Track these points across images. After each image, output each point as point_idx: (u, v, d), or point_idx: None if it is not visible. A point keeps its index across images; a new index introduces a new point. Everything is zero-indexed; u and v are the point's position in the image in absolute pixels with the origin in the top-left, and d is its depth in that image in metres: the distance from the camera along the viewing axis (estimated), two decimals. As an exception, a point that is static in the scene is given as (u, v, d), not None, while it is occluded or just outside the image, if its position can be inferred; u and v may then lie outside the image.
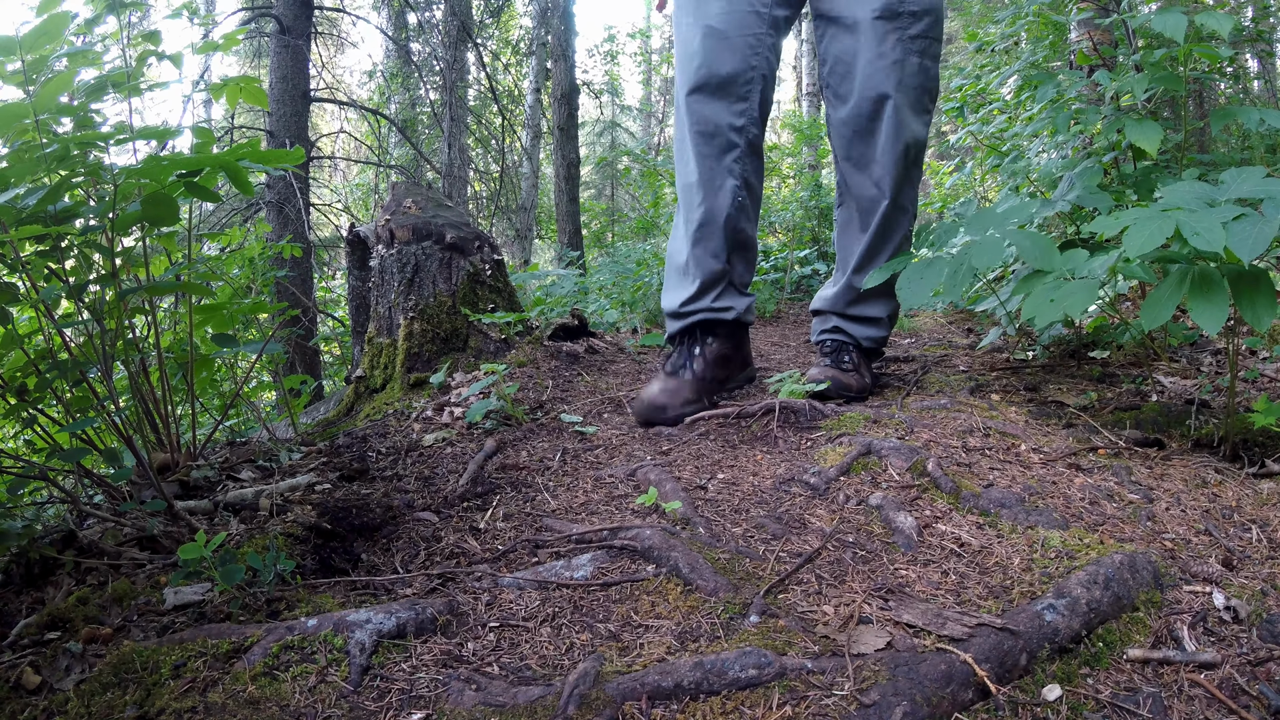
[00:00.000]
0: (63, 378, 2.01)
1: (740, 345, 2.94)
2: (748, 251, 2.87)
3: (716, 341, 2.82)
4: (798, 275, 6.87)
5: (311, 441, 2.66)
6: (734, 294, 2.84)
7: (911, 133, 2.69)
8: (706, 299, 2.80)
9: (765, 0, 2.72)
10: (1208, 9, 4.21)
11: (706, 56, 2.70)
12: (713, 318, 2.80)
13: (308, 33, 9.12)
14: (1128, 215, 1.90)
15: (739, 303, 2.84)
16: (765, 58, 2.73)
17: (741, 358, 2.97)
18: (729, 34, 2.69)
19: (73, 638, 1.45)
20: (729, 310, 2.81)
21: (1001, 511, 1.78)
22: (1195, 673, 1.25)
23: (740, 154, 2.74)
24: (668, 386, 2.64)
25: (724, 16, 2.70)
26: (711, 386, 2.75)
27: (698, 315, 2.80)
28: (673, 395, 2.61)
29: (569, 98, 12.86)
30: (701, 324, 2.81)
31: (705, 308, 2.79)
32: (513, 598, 1.54)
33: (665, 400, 2.60)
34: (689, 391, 2.65)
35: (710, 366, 2.77)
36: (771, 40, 2.75)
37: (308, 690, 1.23)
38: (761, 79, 2.73)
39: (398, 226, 3.33)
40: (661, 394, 2.61)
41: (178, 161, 1.88)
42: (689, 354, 2.78)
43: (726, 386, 2.89)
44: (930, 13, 2.64)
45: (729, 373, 2.88)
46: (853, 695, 1.13)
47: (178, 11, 2.46)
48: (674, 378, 2.70)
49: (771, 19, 2.73)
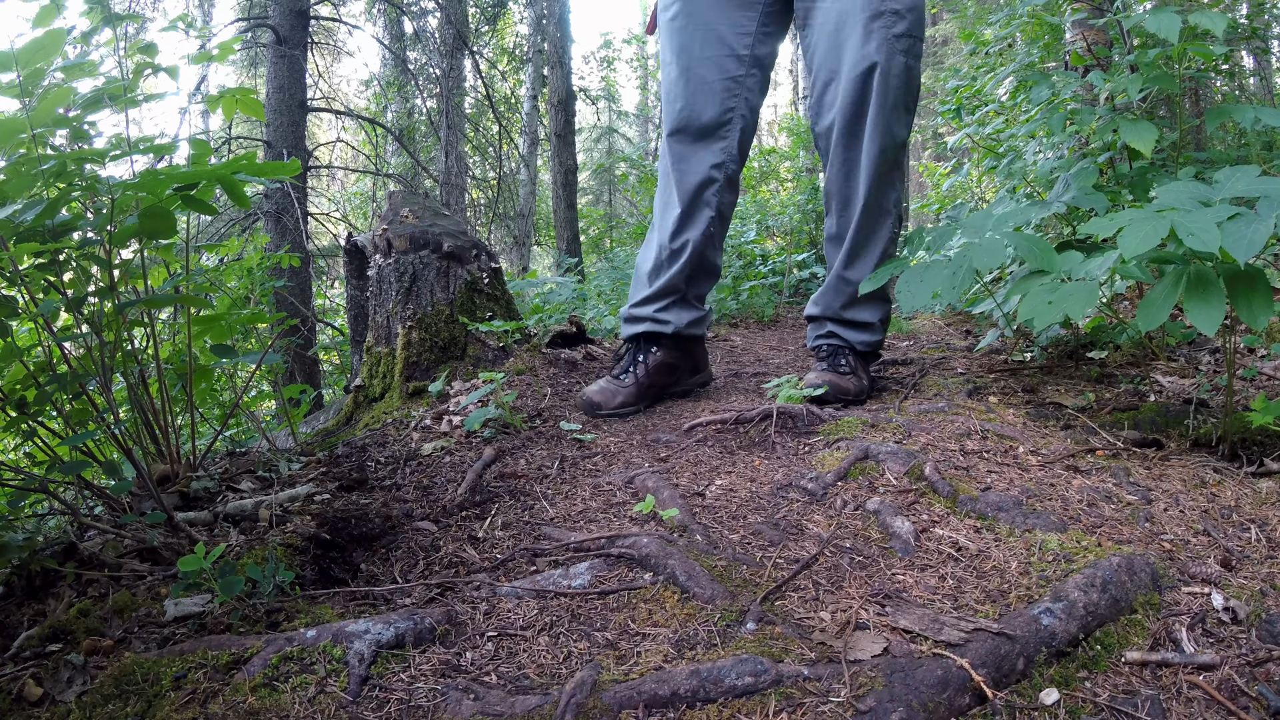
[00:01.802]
0: (62, 390, 2.01)
1: (689, 354, 3.06)
2: (708, 275, 3.02)
3: (661, 351, 2.96)
4: (795, 279, 6.87)
5: (311, 451, 2.66)
6: (682, 308, 2.97)
7: (892, 134, 2.71)
8: (651, 308, 2.95)
9: (745, 42, 2.82)
10: (1201, 7, 4.22)
11: (687, 101, 2.82)
12: (656, 330, 2.94)
13: (304, 42, 9.13)
14: (1123, 216, 1.90)
15: (683, 317, 2.96)
16: (744, 99, 2.85)
17: (691, 364, 3.10)
18: (709, 79, 2.81)
19: (74, 650, 1.45)
20: (668, 324, 2.94)
21: (999, 515, 1.78)
22: (1194, 674, 1.25)
23: (718, 188, 2.88)
24: (607, 388, 2.89)
25: (704, 61, 2.81)
26: (652, 392, 2.94)
27: (643, 325, 2.96)
28: (610, 396, 2.86)
29: (566, 104, 12.88)
30: (645, 335, 2.97)
31: (649, 317, 2.95)
32: (511, 607, 1.54)
33: (601, 400, 2.85)
34: (626, 395, 2.87)
35: (651, 374, 2.93)
36: (754, 79, 2.85)
37: (307, 701, 1.23)
38: (741, 118, 2.85)
39: (395, 236, 3.34)
40: (599, 394, 2.87)
41: (174, 175, 1.89)
42: (633, 360, 2.95)
43: (671, 391, 3.04)
44: (913, 10, 2.66)
45: (674, 379, 3.03)
46: (849, 702, 1.13)
47: (174, 24, 2.46)
48: (615, 381, 2.91)
49: (753, 59, 2.83)
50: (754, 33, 2.81)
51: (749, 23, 2.80)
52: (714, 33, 2.80)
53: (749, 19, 2.81)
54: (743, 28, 2.80)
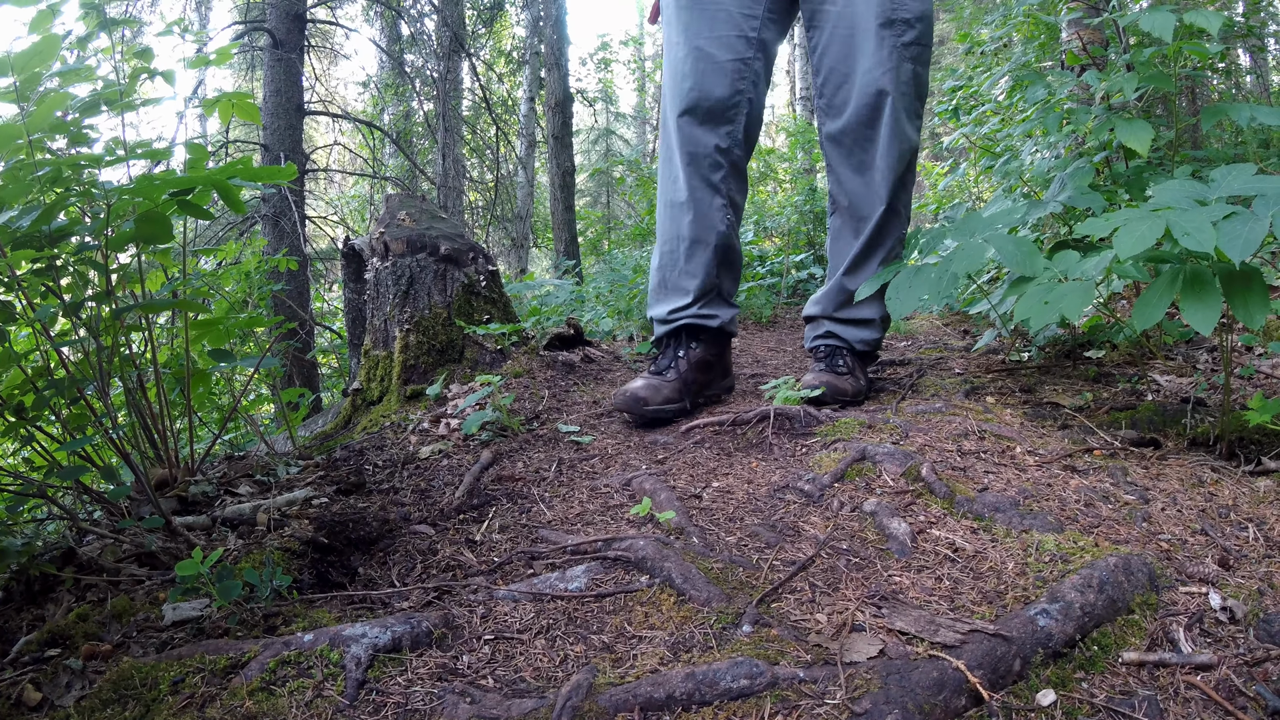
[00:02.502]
0: (60, 395, 2.01)
1: (722, 354, 3.00)
2: (734, 266, 2.97)
3: (701, 346, 2.88)
4: (794, 279, 6.86)
5: (309, 455, 2.66)
6: (720, 304, 2.92)
7: (907, 138, 2.73)
8: (695, 307, 2.87)
9: (753, 25, 2.80)
10: (1197, 6, 4.23)
11: (698, 80, 2.78)
12: (698, 323, 2.87)
13: (301, 46, 9.14)
14: (1118, 216, 1.90)
15: (724, 312, 2.92)
16: (752, 81, 2.82)
17: (723, 366, 3.03)
18: (718, 58, 2.78)
19: (73, 654, 1.46)
20: (714, 318, 2.88)
21: (996, 516, 1.78)
22: (1191, 674, 1.25)
23: (726, 174, 2.84)
24: (651, 383, 2.73)
25: (713, 40, 2.78)
26: (693, 389, 2.82)
27: (683, 319, 2.87)
28: (655, 391, 2.70)
29: (563, 106, 12.88)
30: (687, 328, 2.89)
31: (693, 314, 2.87)
32: (508, 610, 1.54)
33: (647, 395, 2.68)
34: (670, 390, 2.73)
35: (693, 369, 2.83)
36: (759, 64, 2.83)
37: (304, 705, 1.23)
38: (748, 102, 2.82)
39: (392, 239, 3.34)
40: (645, 389, 2.70)
41: (170, 181, 1.89)
42: (674, 355, 2.86)
43: (706, 392, 2.95)
44: (922, 20, 2.68)
45: (710, 378, 2.94)
46: (844, 704, 1.14)
47: (169, 29, 2.46)
48: (659, 376, 2.78)
49: (759, 42, 2.81)
50: (760, 16, 2.80)
51: (756, 5, 2.79)
52: (723, 12, 2.78)
53: (755, 2, 2.80)
54: (750, 9, 2.79)
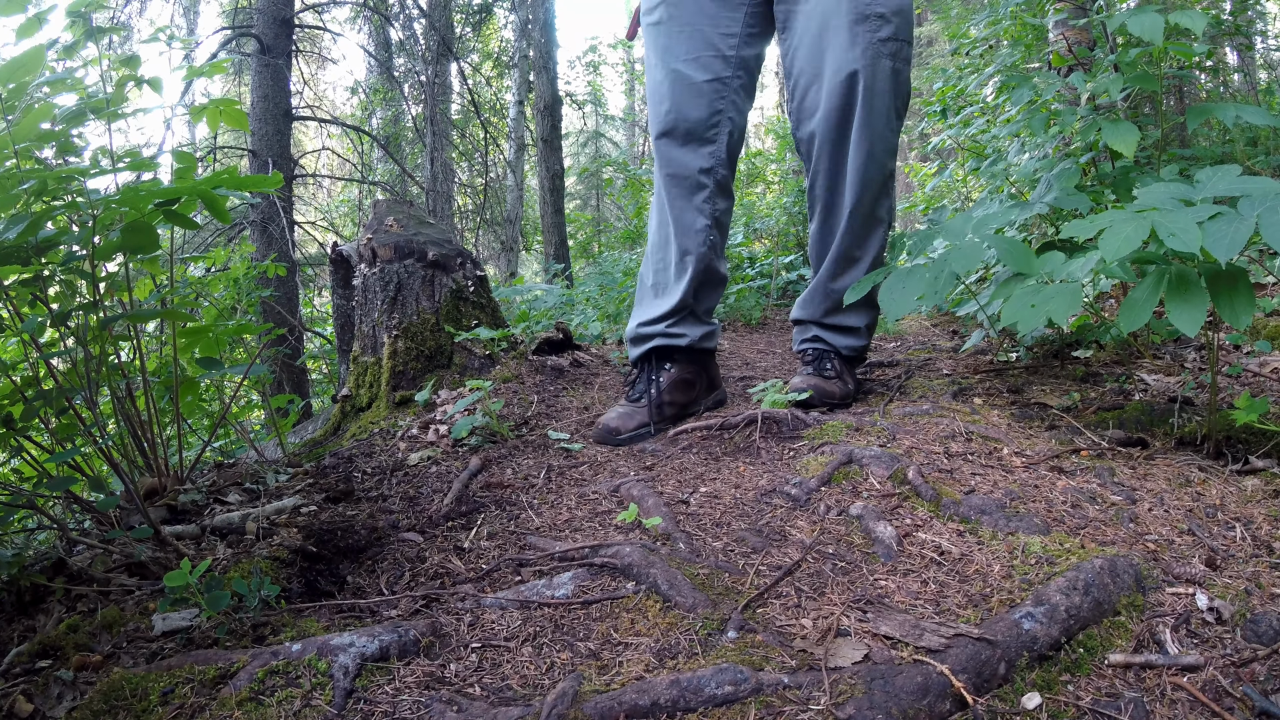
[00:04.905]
0: (48, 405, 2.01)
1: (703, 370, 2.93)
2: (715, 286, 2.90)
3: (675, 367, 2.82)
4: (784, 281, 6.87)
5: (298, 462, 2.66)
6: (690, 323, 2.85)
7: (883, 140, 2.65)
8: (662, 324, 2.82)
9: (731, 43, 2.75)
10: (1183, 6, 4.24)
11: (674, 102, 2.75)
12: (667, 343, 2.82)
13: (288, 51, 9.12)
14: (1104, 218, 1.90)
15: (693, 330, 2.84)
16: (732, 101, 2.77)
17: (707, 381, 2.96)
18: (695, 79, 2.73)
19: (64, 665, 1.46)
20: (682, 337, 2.82)
21: (982, 518, 1.78)
22: (1178, 676, 1.25)
23: (710, 194, 2.79)
24: (624, 411, 2.71)
25: (690, 62, 2.74)
26: (669, 410, 2.77)
27: (653, 341, 2.83)
28: (626, 419, 2.67)
29: (552, 109, 12.88)
30: (657, 350, 2.84)
31: (660, 333, 2.82)
32: (495, 618, 1.55)
33: (618, 424, 2.65)
34: (644, 416, 2.69)
35: (669, 390, 2.78)
36: (740, 81, 2.78)
37: (292, 715, 1.23)
38: (729, 121, 2.77)
39: (380, 245, 3.34)
40: (617, 419, 2.67)
41: (155, 191, 1.89)
42: (647, 380, 2.81)
43: (690, 411, 2.87)
44: (899, 14, 2.59)
45: (692, 397, 2.87)
46: (828, 709, 1.14)
47: (155, 35, 2.46)
48: (633, 404, 2.76)
49: (739, 60, 2.76)
50: (739, 34, 2.75)
51: (734, 24, 2.74)
52: (699, 33, 2.74)
53: (734, 20, 2.75)
54: (728, 28, 2.74)
